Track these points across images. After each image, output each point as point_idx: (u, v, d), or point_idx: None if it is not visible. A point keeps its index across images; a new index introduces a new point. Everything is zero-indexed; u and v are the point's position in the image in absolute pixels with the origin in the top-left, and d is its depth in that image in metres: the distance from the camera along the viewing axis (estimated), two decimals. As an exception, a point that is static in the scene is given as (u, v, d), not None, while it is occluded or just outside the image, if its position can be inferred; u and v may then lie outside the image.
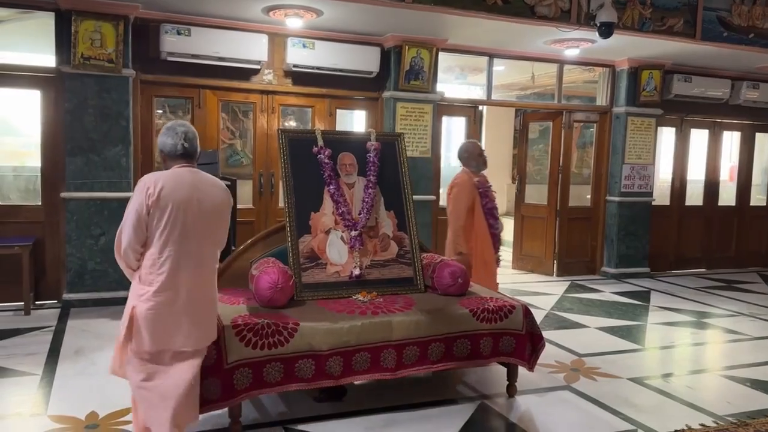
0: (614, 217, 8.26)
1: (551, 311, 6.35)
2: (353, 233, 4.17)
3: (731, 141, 9.56)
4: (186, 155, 2.94)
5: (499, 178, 11.29)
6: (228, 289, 4.01)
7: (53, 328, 5.19)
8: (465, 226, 4.71)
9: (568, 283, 7.82)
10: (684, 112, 8.72)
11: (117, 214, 5.87)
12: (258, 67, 6.43)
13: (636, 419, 3.71)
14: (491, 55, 7.61)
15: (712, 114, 8.90)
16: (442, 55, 7.19)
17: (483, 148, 5.07)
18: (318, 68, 6.56)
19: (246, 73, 6.49)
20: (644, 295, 7.30)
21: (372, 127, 7.09)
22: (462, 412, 3.76)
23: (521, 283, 7.73)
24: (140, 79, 6.12)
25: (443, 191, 7.98)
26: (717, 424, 3.69)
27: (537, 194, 8.63)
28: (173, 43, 5.99)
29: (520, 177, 8.69)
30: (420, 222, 7.02)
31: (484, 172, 5.01)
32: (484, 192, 4.83)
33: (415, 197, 7.01)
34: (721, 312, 6.67)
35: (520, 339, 3.93)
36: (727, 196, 9.47)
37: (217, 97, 6.48)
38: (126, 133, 5.91)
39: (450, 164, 9.16)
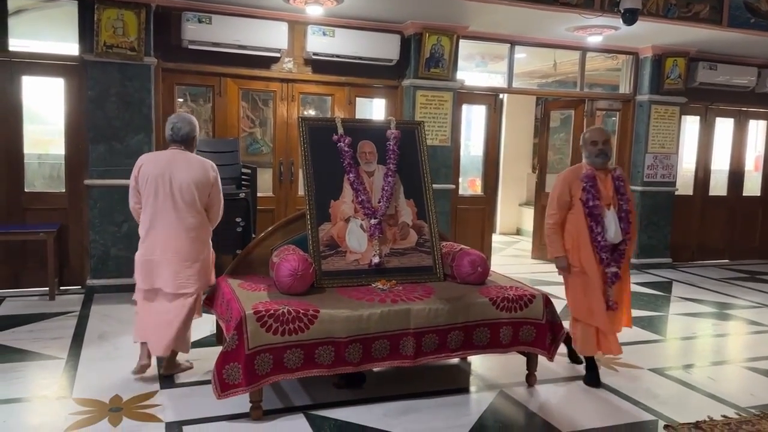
0: (636, 207, 8.14)
1: (571, 301, 6.30)
2: (373, 221, 4.17)
3: (757, 130, 9.38)
4: (174, 140, 3.92)
5: (518, 168, 11.24)
6: (249, 276, 4.06)
7: (77, 313, 5.28)
8: (558, 224, 4.10)
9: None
10: (709, 101, 8.57)
11: (139, 202, 5.95)
12: (278, 55, 6.44)
13: (657, 410, 3.68)
14: (513, 43, 7.54)
15: (738, 102, 8.75)
16: (462, 43, 7.14)
17: (601, 135, 4.00)
18: (337, 56, 6.55)
19: (266, 62, 6.50)
20: (666, 286, 7.23)
21: (391, 116, 7.07)
22: (481, 401, 3.77)
23: (541, 273, 7.68)
24: (162, 68, 6.16)
25: (462, 180, 8.00)
26: (739, 415, 3.65)
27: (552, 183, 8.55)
28: (194, 31, 6.01)
29: (540, 166, 8.62)
30: (439, 211, 7.04)
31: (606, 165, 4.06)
32: (589, 187, 3.94)
33: (434, 186, 7.04)
34: (744, 303, 6.58)
35: (540, 328, 3.92)
36: (752, 186, 9.31)
37: (238, 85, 6.51)
38: (148, 121, 5.97)
39: (469, 153, 9.11)
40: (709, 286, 7.34)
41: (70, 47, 5.91)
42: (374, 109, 7.35)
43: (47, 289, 5.69)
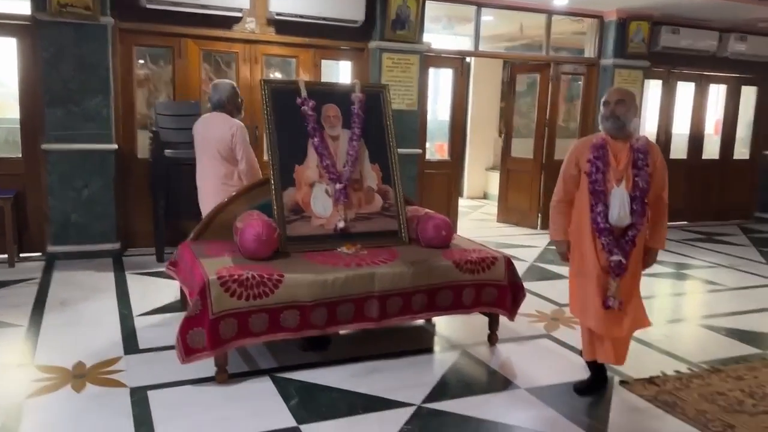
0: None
1: (534, 263, 6.44)
2: (338, 186, 4.16)
3: (717, 94, 9.56)
4: (213, 105, 4.43)
5: (486, 132, 11.27)
6: (213, 242, 4.04)
7: (38, 280, 5.19)
8: (563, 201, 3.46)
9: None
10: (671, 65, 8.68)
11: (100, 166, 5.84)
12: (240, 15, 6.28)
13: (614, 367, 3.80)
14: (479, 5, 7.48)
15: (699, 67, 8.88)
16: (429, 4, 7.05)
17: (614, 95, 3.33)
18: (302, 16, 6.43)
19: (228, 22, 6.34)
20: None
21: (358, 79, 7.00)
22: (444, 360, 3.85)
23: (505, 236, 7.80)
24: (119, 28, 5.96)
25: (430, 145, 8.00)
26: (691, 370, 3.81)
27: (523, 148, 8.62)
28: (153, -10, 5.82)
29: (506, 131, 8.67)
30: (406, 175, 7.06)
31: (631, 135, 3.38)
32: (593, 158, 3.28)
33: (401, 150, 6.99)
34: (701, 263, 6.80)
35: (502, 289, 4.00)
36: (712, 150, 9.53)
37: (198, 46, 6.35)
38: (106, 84, 5.80)
39: (437, 118, 9.08)
40: (667, 247, 7.53)
41: (22, 5, 5.67)
42: (341, 72, 7.25)
43: (6, 256, 5.57)
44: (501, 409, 3.23)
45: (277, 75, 7.16)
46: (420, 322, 4.42)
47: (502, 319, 4.10)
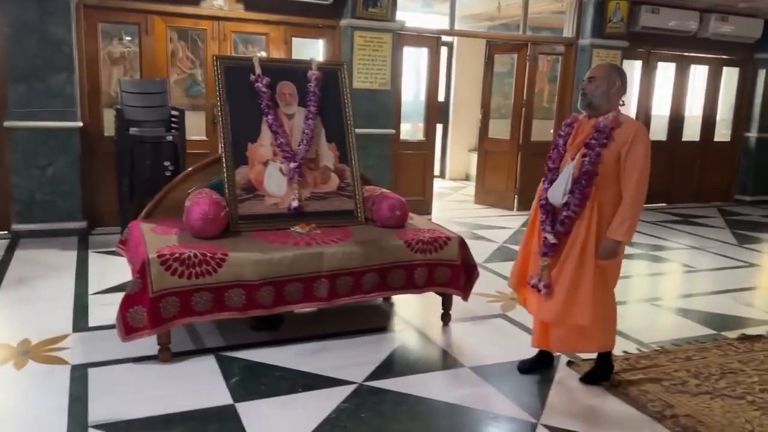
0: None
1: (504, 244, 6.43)
2: (292, 165, 4.12)
3: (698, 75, 9.49)
4: None
5: (468, 113, 11.18)
6: (164, 219, 4.01)
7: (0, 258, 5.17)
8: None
9: (526, 217, 7.85)
10: (651, 45, 8.61)
11: (64, 144, 5.78)
12: (207, -9, 6.20)
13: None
14: (455, -17, 7.39)
15: (680, 47, 8.82)
16: (402, -18, 6.97)
17: (591, 72, 3.25)
18: (271, -7, 6.35)
19: (195, -2, 6.26)
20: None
21: (330, 57, 6.94)
22: (395, 339, 3.85)
23: (480, 218, 7.79)
24: (84, 4, 5.88)
25: (405, 126, 7.95)
26: (640, 351, 3.81)
27: (503, 129, 8.56)
28: (116, -35, 5.73)
29: (484, 111, 8.60)
30: (378, 155, 7.05)
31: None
32: (558, 135, 3.39)
33: (373, 131, 7.01)
34: (672, 245, 6.80)
35: (455, 269, 3.98)
36: (692, 132, 9.49)
37: (165, 23, 6.26)
38: (70, 61, 5.73)
39: (419, 98, 8.99)
40: (641, 229, 7.50)
41: (-17, -20, 5.58)
42: (312, 50, 7.16)
43: (-32, 234, 5.55)
44: (441, 387, 3.23)
45: (250, 52, 7.07)
46: (378, 301, 4.42)
47: (466, 300, 4.08)
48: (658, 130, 9.17)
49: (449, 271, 3.97)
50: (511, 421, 2.94)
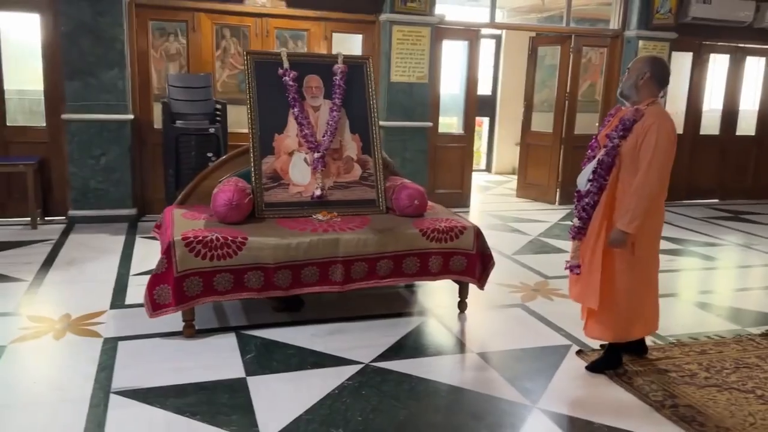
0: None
1: (537, 237, 6.42)
2: (316, 155, 4.30)
3: (753, 67, 9.12)
4: None
5: (516, 107, 11.10)
6: (196, 206, 4.26)
7: (55, 241, 5.57)
8: None
9: (567, 211, 7.81)
10: (702, 37, 8.35)
11: (116, 136, 6.16)
12: (251, -12, 6.45)
13: (575, 335, 3.84)
14: (495, -24, 7.40)
15: (734, 38, 8.51)
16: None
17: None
18: (312, -10, 6.54)
19: (239, -5, 6.52)
20: (641, 224, 7.26)
21: (369, 52, 7.08)
22: (409, 324, 3.96)
23: (519, 211, 7.78)
24: (135, 3, 6.23)
25: (444, 119, 8.01)
26: (654, 343, 3.80)
27: (548, 122, 8.48)
28: (165, -34, 6.05)
29: (527, 104, 8.56)
30: (416, 148, 7.17)
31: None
32: (600, 126, 3.55)
33: (411, 124, 7.12)
34: (715, 241, 6.62)
35: (470, 258, 4.06)
36: (746, 126, 9.14)
37: (211, 20, 6.55)
38: (121, 57, 6.09)
39: (451, 91, 9.03)
40: (686, 225, 7.36)
41: (45, -18, 6.01)
42: (352, 45, 7.33)
43: (29, 219, 5.99)
44: (444, 370, 3.34)
45: (291, 48, 7.29)
46: (400, 288, 4.55)
47: (482, 288, 4.16)
48: (711, 124, 8.89)
49: (464, 260, 4.06)
50: (507, 404, 3.01)
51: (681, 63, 8.51)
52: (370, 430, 2.73)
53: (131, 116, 6.25)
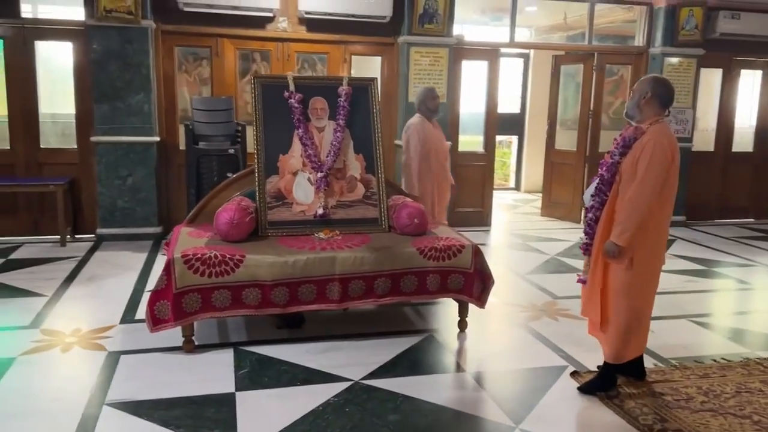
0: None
1: (555, 257, 6.36)
2: (319, 175, 4.39)
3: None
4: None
5: (544, 125, 11.04)
6: (203, 225, 4.39)
7: (80, 258, 5.81)
8: None
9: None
10: (732, 52, 8.16)
11: (142, 157, 6.40)
12: (271, 15, 6.65)
13: (573, 356, 3.79)
14: (515, -5, 7.43)
15: (766, 53, 8.29)
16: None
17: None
18: (330, 14, 6.69)
19: (260, 21, 6.72)
20: (665, 244, 7.09)
21: (388, 73, 7.20)
22: (406, 343, 3.98)
23: (541, 230, 7.71)
24: (161, 30, 6.50)
25: (467, 138, 8.03)
26: (655, 365, 3.72)
27: (572, 140, 8.41)
28: (188, -6, 6.30)
29: (550, 122, 8.51)
30: (434, 167, 7.13)
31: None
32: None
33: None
34: (739, 262, 6.41)
35: (468, 277, 4.07)
36: (782, 143, 8.86)
37: (234, 45, 6.78)
38: (147, 82, 6.35)
39: (473, 110, 9.03)
40: (714, 245, 7.15)
41: (77, 12, 6.33)
42: (371, 67, 7.45)
43: (59, 237, 6.26)
44: (432, 390, 3.34)
45: (309, 72, 7.46)
46: (405, 306, 4.58)
47: (489, 309, 4.17)
48: (744, 141, 8.65)
49: (462, 278, 4.07)
50: (489, 424, 3.01)
51: (711, 79, 8.34)
52: (346, 446, 2.77)
53: (157, 138, 6.50)
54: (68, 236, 6.37)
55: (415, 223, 4.25)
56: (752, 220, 8.73)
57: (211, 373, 3.46)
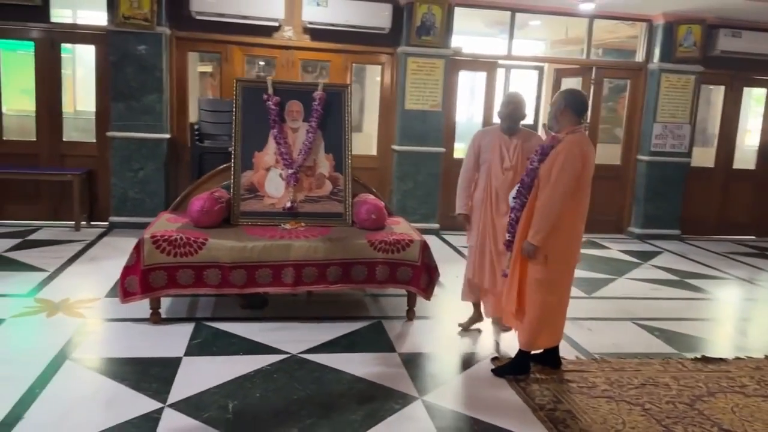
0: (643, 177, 8.13)
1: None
2: (290, 171, 4.81)
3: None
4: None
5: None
6: (184, 212, 4.85)
7: (89, 241, 6.38)
8: None
9: (584, 240, 7.86)
10: (734, 69, 8.24)
11: (153, 152, 6.96)
12: (277, 24, 7.13)
13: (501, 344, 4.09)
14: (514, 10, 7.72)
15: (768, 71, 8.34)
16: (463, 9, 7.45)
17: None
18: (332, 25, 7.13)
19: (267, 30, 7.21)
20: (650, 255, 7.25)
21: (388, 81, 7.59)
22: (352, 327, 4.33)
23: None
24: (175, 36, 7.07)
25: (459, 146, 8.34)
26: (577, 358, 3.98)
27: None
28: (201, 3, 6.83)
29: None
30: (428, 172, 7.55)
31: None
32: None
33: (424, 149, 7.51)
34: (719, 275, 6.52)
35: (416, 269, 4.41)
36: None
37: (243, 52, 7.29)
38: (160, 83, 6.91)
39: (471, 120, 9.33)
40: (700, 259, 7.25)
41: (101, 17, 6.96)
42: (371, 76, 7.85)
43: (73, 222, 6.87)
44: (358, 365, 3.68)
45: (317, 78, 7.91)
46: (365, 294, 4.95)
47: (428, 299, 4.50)
48: (745, 158, 8.68)
49: (410, 270, 4.41)
50: (395, 393, 3.34)
51: (711, 96, 8.43)
52: (261, 403, 3.16)
53: (167, 135, 7.05)
54: (83, 222, 6.98)
55: (372, 218, 4.62)
56: (754, 237, 8.74)
57: (169, 341, 3.90)
